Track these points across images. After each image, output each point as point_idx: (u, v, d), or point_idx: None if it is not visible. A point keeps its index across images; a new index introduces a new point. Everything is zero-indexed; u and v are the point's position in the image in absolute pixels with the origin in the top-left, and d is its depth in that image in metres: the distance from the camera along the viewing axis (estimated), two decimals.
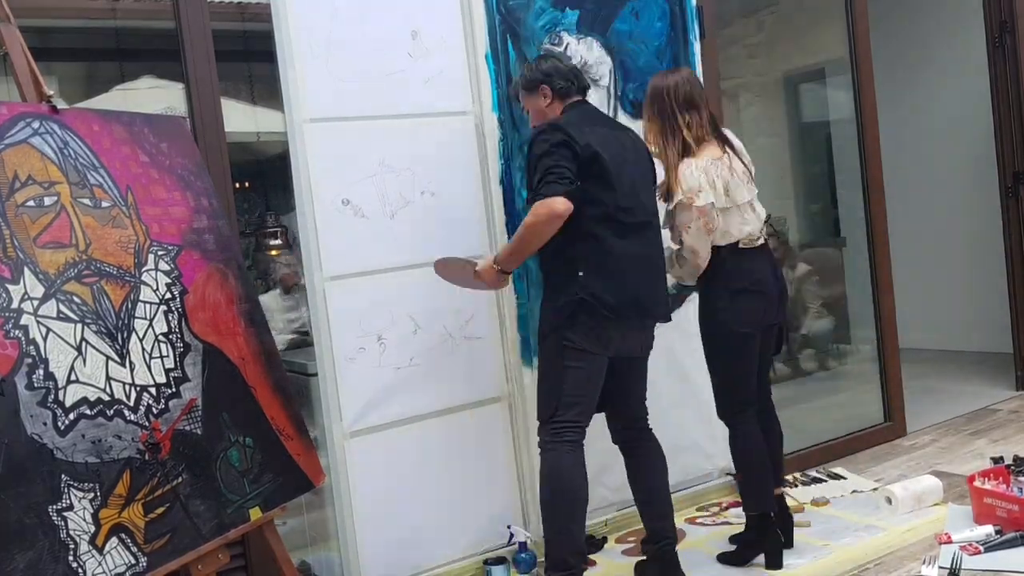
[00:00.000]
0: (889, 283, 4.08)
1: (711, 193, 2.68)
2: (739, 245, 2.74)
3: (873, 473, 3.62)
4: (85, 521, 1.81)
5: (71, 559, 1.76)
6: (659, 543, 2.68)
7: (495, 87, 3.03)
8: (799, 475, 3.56)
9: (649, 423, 2.79)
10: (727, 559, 2.88)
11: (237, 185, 3.27)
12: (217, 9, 3.43)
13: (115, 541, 1.85)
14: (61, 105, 2.13)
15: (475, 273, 2.64)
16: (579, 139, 2.48)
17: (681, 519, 3.28)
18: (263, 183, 5.66)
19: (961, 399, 4.53)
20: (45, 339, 1.84)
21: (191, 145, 2.49)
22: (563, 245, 2.50)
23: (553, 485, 2.51)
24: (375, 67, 2.83)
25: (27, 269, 1.86)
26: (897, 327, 4.11)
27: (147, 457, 1.97)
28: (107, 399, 1.93)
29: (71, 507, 1.79)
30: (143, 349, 2.06)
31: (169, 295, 2.18)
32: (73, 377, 1.87)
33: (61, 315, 1.89)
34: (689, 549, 3.02)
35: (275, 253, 4.57)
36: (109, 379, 1.95)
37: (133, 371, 2.01)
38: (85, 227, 2.02)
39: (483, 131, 3.02)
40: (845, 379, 5.04)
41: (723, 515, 3.28)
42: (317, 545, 3.18)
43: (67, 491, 1.79)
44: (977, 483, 2.95)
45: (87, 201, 2.05)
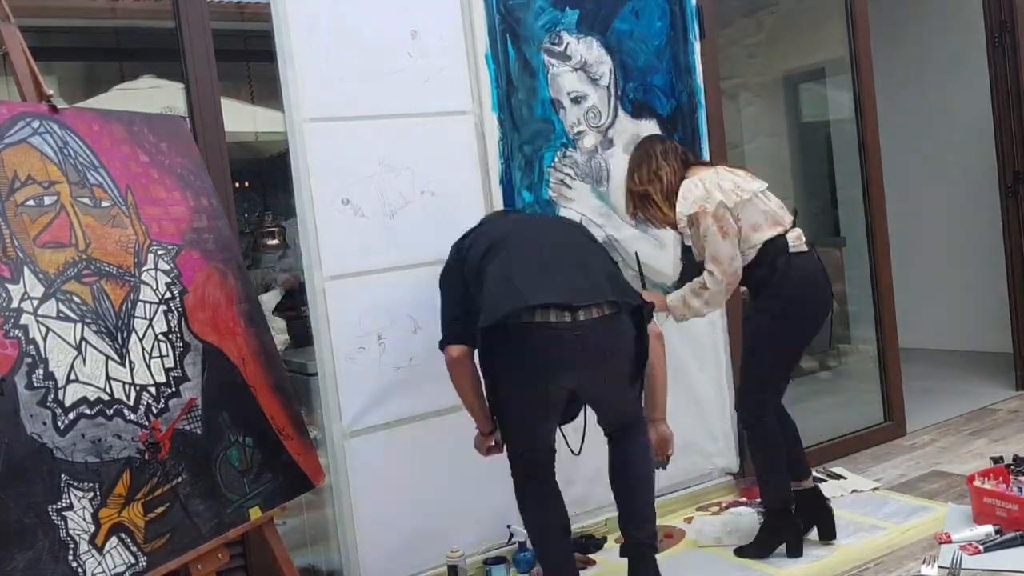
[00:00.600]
0: (889, 283, 4.08)
1: (718, 193, 2.68)
2: (789, 249, 2.70)
3: (873, 473, 3.62)
4: (85, 521, 1.81)
5: (71, 559, 1.76)
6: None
7: (495, 87, 3.03)
8: None
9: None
10: (743, 552, 2.89)
11: (237, 185, 3.27)
12: (217, 9, 3.43)
13: (115, 541, 1.85)
14: (61, 105, 2.12)
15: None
16: (465, 246, 2.53)
17: (682, 518, 3.28)
18: (262, 183, 5.67)
19: (961, 399, 4.53)
20: (45, 339, 1.84)
21: (191, 145, 2.49)
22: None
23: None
24: (375, 67, 2.83)
25: (27, 269, 1.86)
26: (897, 327, 4.11)
27: (147, 457, 1.97)
28: (107, 399, 1.93)
29: (71, 507, 1.79)
30: (143, 349, 2.06)
31: (169, 295, 2.18)
32: (73, 377, 1.87)
33: (61, 315, 1.89)
34: (690, 548, 3.03)
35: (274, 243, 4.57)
36: (109, 379, 1.95)
37: (133, 371, 2.01)
38: (85, 227, 2.02)
39: (483, 131, 3.02)
40: (845, 379, 5.05)
41: (723, 515, 3.27)
42: (317, 545, 3.18)
43: (67, 491, 1.79)
44: (977, 483, 2.95)
45: (87, 201, 2.05)
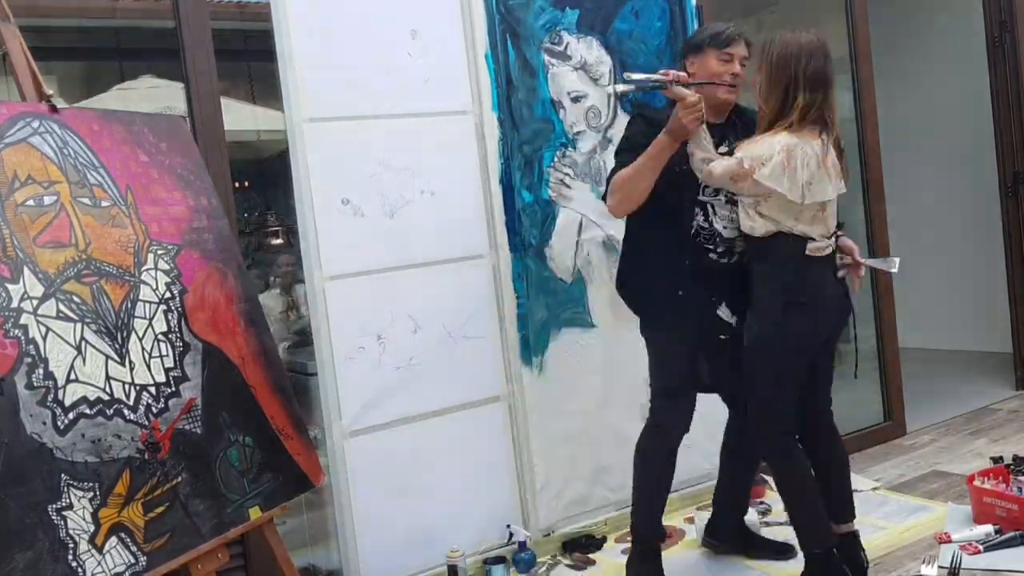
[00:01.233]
0: (889, 283, 4.08)
1: (782, 178, 2.33)
2: (806, 252, 2.40)
3: (873, 473, 3.62)
4: (85, 520, 1.81)
5: (71, 558, 1.76)
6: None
7: (495, 87, 3.03)
8: None
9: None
10: None
11: (236, 185, 3.26)
12: (217, 8, 3.43)
13: (115, 540, 1.85)
14: (60, 104, 2.12)
15: None
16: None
17: (682, 518, 3.28)
18: (263, 183, 5.66)
19: (961, 399, 4.53)
20: (44, 338, 1.84)
21: (191, 144, 2.49)
22: None
23: None
24: (374, 66, 2.83)
25: (27, 268, 1.86)
26: (897, 327, 4.11)
27: (147, 456, 1.97)
28: (107, 398, 1.93)
29: (70, 506, 1.79)
30: (143, 348, 2.06)
31: (169, 294, 2.18)
32: (73, 376, 1.87)
33: (61, 314, 1.89)
34: (690, 548, 3.03)
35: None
36: (109, 378, 1.95)
37: (133, 370, 2.01)
38: (85, 226, 2.02)
39: (483, 131, 3.02)
40: (845, 379, 5.03)
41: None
42: (317, 545, 3.18)
43: (66, 490, 1.79)
44: (976, 483, 2.95)
45: (87, 200, 2.05)
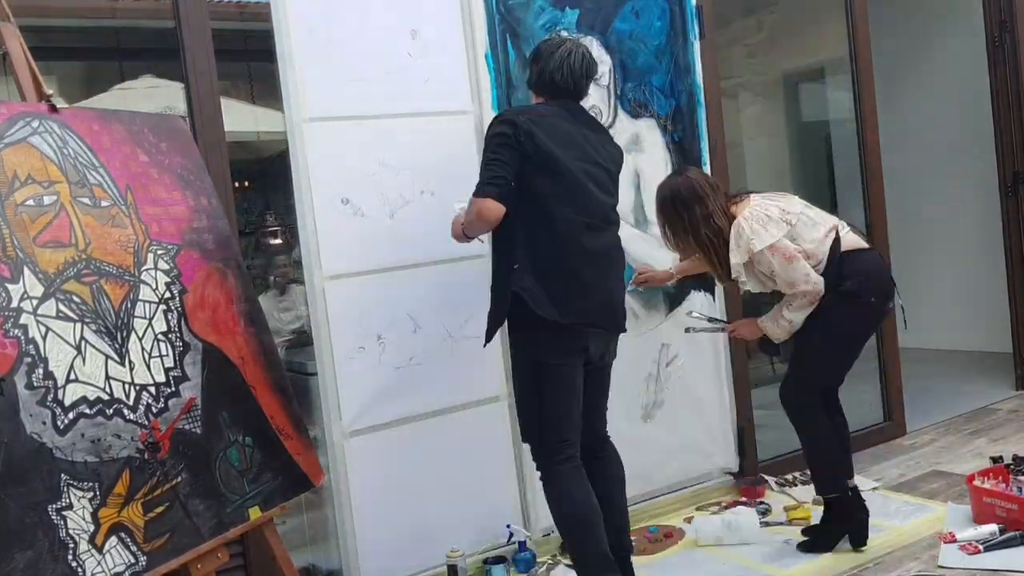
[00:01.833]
0: None
1: (768, 230, 2.68)
2: (842, 248, 2.74)
3: (873, 472, 3.62)
4: (84, 520, 1.81)
5: (70, 558, 1.76)
6: (617, 554, 2.55)
7: (495, 86, 3.03)
8: (799, 474, 3.56)
9: (608, 434, 2.72)
10: (809, 547, 2.90)
11: (236, 184, 3.27)
12: (217, 8, 3.43)
13: (114, 540, 1.85)
14: (60, 104, 2.12)
15: None
16: (526, 130, 2.39)
17: (682, 518, 3.28)
18: (264, 183, 5.66)
19: (961, 399, 4.53)
20: (44, 338, 1.84)
21: (190, 144, 2.49)
22: (504, 242, 2.45)
23: (564, 509, 2.45)
24: (374, 66, 2.83)
25: (26, 268, 1.86)
26: (897, 327, 4.11)
27: (146, 456, 1.97)
28: (106, 398, 1.93)
29: (70, 506, 1.79)
30: (142, 348, 2.06)
31: (168, 294, 2.18)
32: (72, 376, 1.87)
33: (60, 314, 1.89)
34: (690, 548, 3.03)
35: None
36: (108, 378, 1.95)
37: (132, 370, 2.01)
38: (85, 226, 2.02)
39: (483, 130, 3.01)
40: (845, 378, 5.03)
41: (723, 515, 3.27)
42: (317, 545, 3.18)
43: (66, 490, 1.79)
44: (976, 482, 2.95)
45: (87, 200, 2.05)
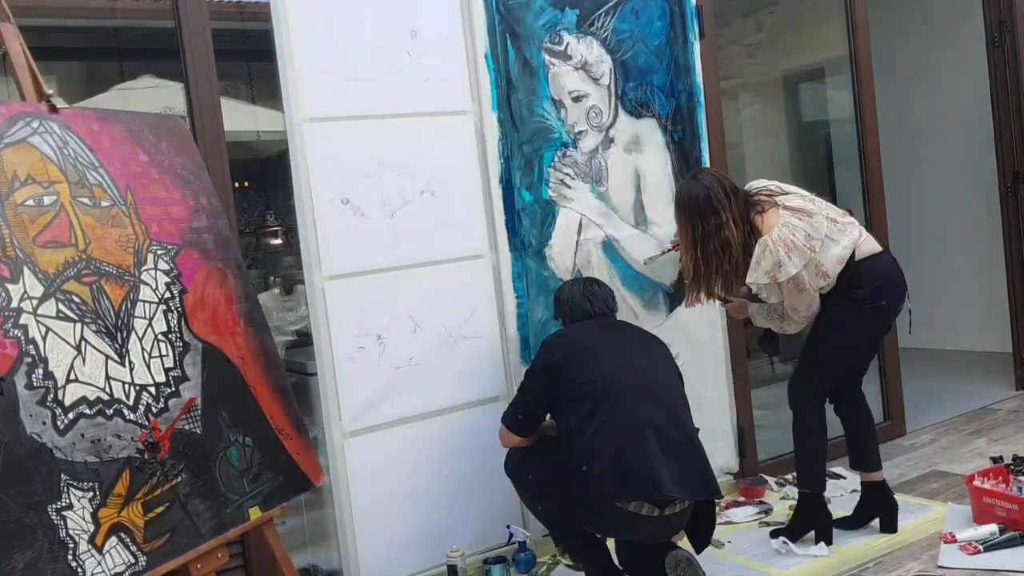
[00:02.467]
0: None
1: (796, 258, 2.70)
2: (855, 256, 2.78)
3: None
4: (84, 520, 1.81)
5: (70, 558, 1.76)
6: None
7: (494, 86, 3.03)
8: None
9: None
10: (780, 531, 2.99)
11: (236, 184, 3.27)
12: (216, 8, 3.43)
13: (114, 540, 1.85)
14: (60, 104, 2.13)
15: None
16: (557, 354, 2.59)
17: None
18: (263, 183, 5.67)
19: (961, 399, 4.53)
20: (44, 338, 1.84)
21: (190, 144, 2.49)
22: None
23: None
24: (374, 66, 2.83)
25: (26, 268, 1.86)
26: (897, 327, 4.11)
27: (146, 456, 1.97)
28: (106, 398, 1.93)
29: (70, 506, 1.79)
30: (142, 348, 2.06)
31: (168, 294, 2.18)
32: (72, 376, 1.87)
33: (60, 314, 1.89)
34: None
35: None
36: (108, 378, 1.95)
37: (132, 370, 2.01)
38: (84, 226, 2.02)
39: (482, 130, 3.02)
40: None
41: (723, 515, 3.27)
42: (317, 545, 3.18)
43: (66, 490, 1.79)
44: (976, 483, 2.95)
45: (86, 200, 2.05)
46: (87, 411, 1.88)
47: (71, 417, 1.84)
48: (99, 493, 1.85)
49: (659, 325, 3.38)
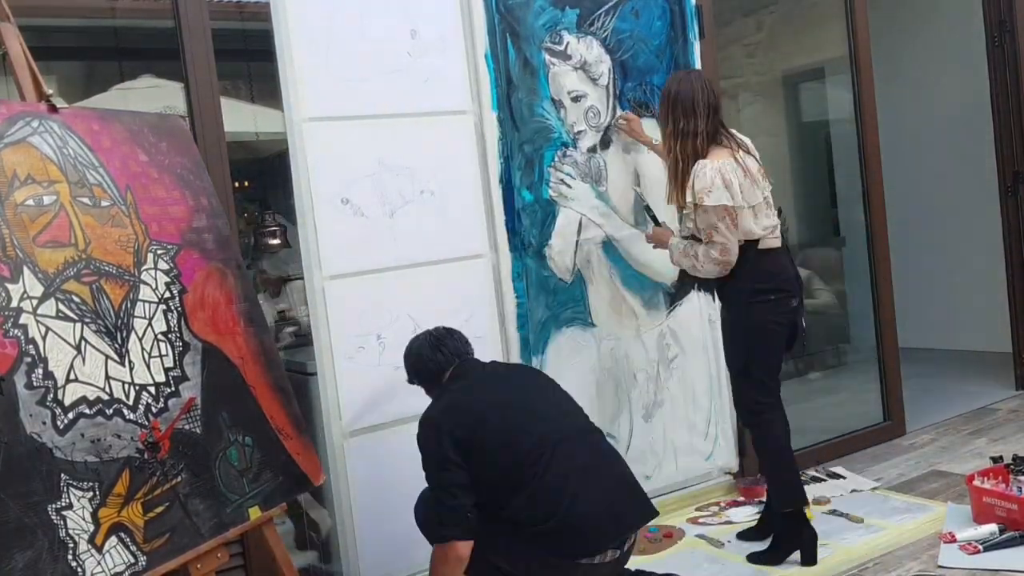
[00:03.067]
0: (889, 283, 4.08)
1: (725, 193, 2.70)
2: (759, 245, 2.77)
3: (872, 472, 3.62)
4: (84, 520, 1.81)
5: (70, 558, 1.76)
6: None
7: (494, 86, 3.03)
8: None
9: None
10: (760, 559, 2.83)
11: (236, 184, 3.27)
12: (216, 8, 3.43)
13: (114, 540, 1.85)
14: (60, 104, 2.12)
15: None
16: (457, 432, 2.28)
17: (682, 519, 3.28)
18: (262, 183, 5.66)
19: (961, 398, 4.52)
20: (44, 338, 1.84)
21: (190, 144, 2.49)
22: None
23: None
24: (374, 66, 2.83)
25: (26, 268, 1.86)
26: (897, 327, 4.11)
27: (146, 456, 1.97)
28: (106, 398, 1.93)
29: (70, 506, 1.79)
30: (142, 348, 2.06)
31: (168, 294, 2.18)
32: (72, 376, 1.87)
33: (60, 314, 1.89)
34: (690, 549, 3.03)
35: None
36: (108, 378, 1.95)
37: (132, 370, 2.01)
38: (84, 226, 2.02)
39: (482, 130, 3.02)
40: (845, 378, 5.04)
41: (723, 514, 3.28)
42: (317, 545, 3.18)
43: (66, 490, 1.79)
44: (976, 482, 2.95)
45: (86, 200, 2.05)
46: (87, 411, 1.88)
47: (71, 417, 1.84)
48: (99, 493, 1.85)
49: (659, 324, 3.39)
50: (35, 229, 1.91)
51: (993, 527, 2.78)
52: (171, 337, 2.14)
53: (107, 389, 1.94)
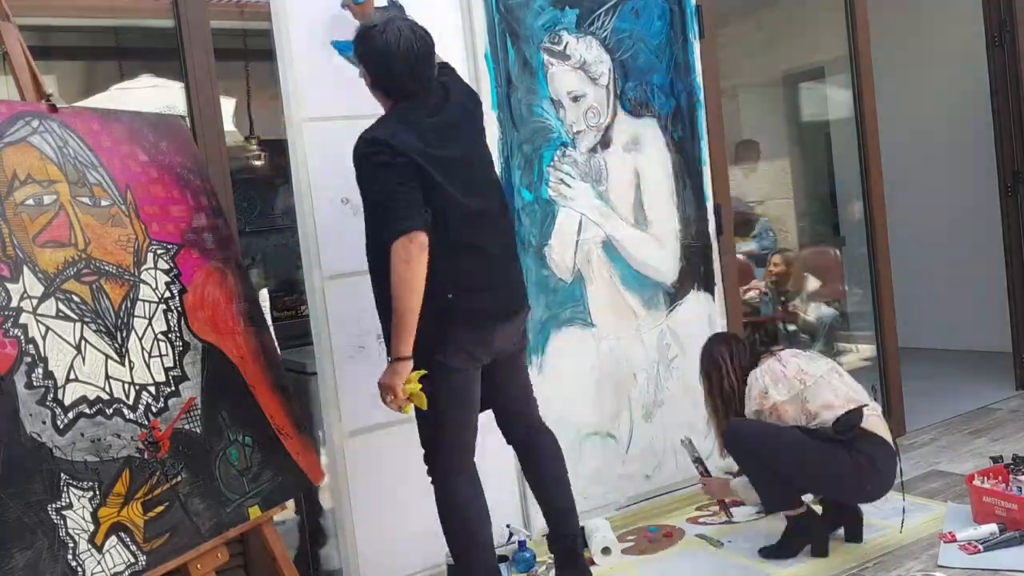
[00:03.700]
0: (889, 282, 4.08)
1: (774, 391, 2.73)
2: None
3: None
4: (84, 520, 1.81)
5: (70, 558, 1.76)
6: (564, 540, 2.62)
7: (494, 86, 3.03)
8: None
9: (541, 419, 2.71)
10: (771, 553, 2.86)
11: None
12: (216, 7, 3.42)
13: (114, 540, 1.85)
14: (60, 104, 2.12)
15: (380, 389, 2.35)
16: (402, 148, 2.27)
17: (682, 518, 3.28)
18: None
19: (961, 398, 4.52)
20: (44, 338, 1.84)
21: (190, 144, 2.49)
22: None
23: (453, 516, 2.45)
24: None
25: (26, 268, 1.86)
26: (897, 327, 4.11)
27: (146, 456, 1.97)
28: (106, 398, 1.93)
29: (70, 506, 1.79)
30: (142, 348, 2.06)
31: (168, 294, 2.18)
32: (72, 376, 1.87)
33: (60, 314, 1.89)
34: (690, 548, 3.02)
35: None
36: (108, 378, 1.95)
37: (132, 370, 2.01)
38: (84, 226, 2.02)
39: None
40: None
41: (722, 514, 3.27)
42: (317, 545, 3.18)
43: (66, 490, 1.79)
44: (976, 482, 2.95)
45: (86, 200, 2.05)
46: (87, 410, 1.88)
47: (71, 416, 1.84)
48: (99, 492, 1.85)
49: (659, 324, 3.39)
50: (35, 229, 1.91)
51: (993, 527, 2.78)
52: (171, 337, 2.14)
53: (107, 389, 1.94)
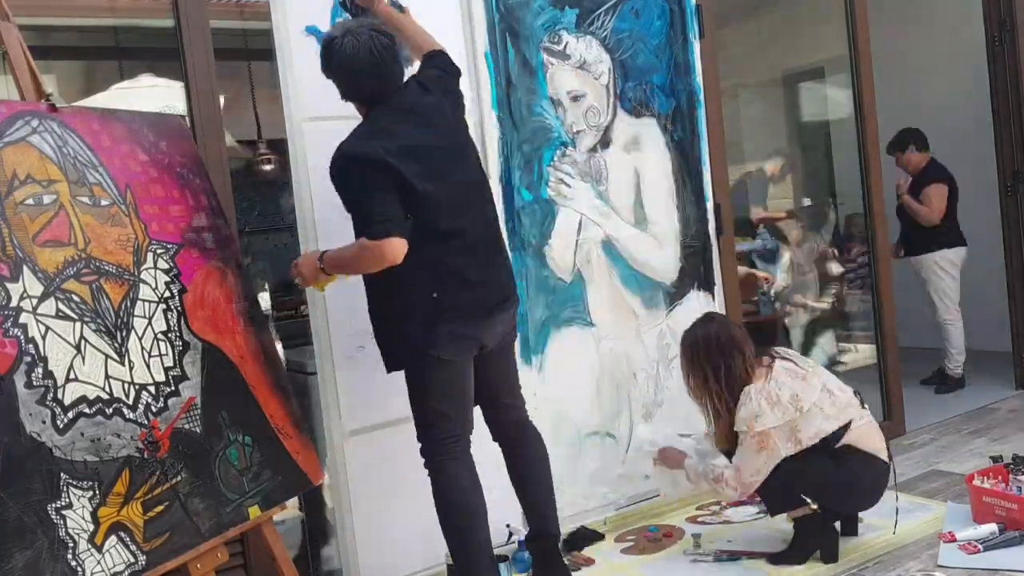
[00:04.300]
0: (889, 282, 4.08)
1: (769, 415, 2.62)
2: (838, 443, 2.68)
3: None
4: (84, 519, 1.81)
5: (70, 557, 1.76)
6: (544, 539, 2.63)
7: (494, 86, 3.03)
8: None
9: (528, 415, 2.72)
10: (781, 559, 2.79)
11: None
12: (216, 7, 3.43)
13: (114, 539, 1.85)
14: (60, 103, 2.12)
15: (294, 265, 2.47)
16: (376, 157, 2.27)
17: (682, 518, 3.28)
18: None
19: (961, 399, 4.53)
20: (44, 337, 1.84)
21: (190, 144, 2.49)
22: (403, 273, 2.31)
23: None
24: None
25: (26, 267, 1.86)
26: (896, 328, 4.11)
27: (146, 455, 1.97)
28: (106, 397, 1.93)
29: (70, 505, 1.79)
30: (142, 348, 2.06)
31: (168, 293, 2.18)
32: (72, 375, 1.87)
33: (60, 313, 1.89)
34: (688, 548, 3.02)
35: None
36: (108, 377, 1.95)
37: (132, 369, 2.01)
38: (84, 225, 2.02)
39: (482, 130, 3.01)
40: (844, 378, 5.02)
41: (722, 514, 3.28)
42: (317, 545, 3.18)
43: (66, 489, 1.79)
44: (976, 482, 2.95)
45: (86, 199, 2.05)
46: (87, 410, 1.88)
47: (71, 416, 1.84)
48: (99, 492, 1.85)
49: (659, 324, 3.38)
50: (35, 228, 1.91)
51: (993, 527, 2.78)
52: (171, 336, 2.14)
53: (107, 388, 1.94)
